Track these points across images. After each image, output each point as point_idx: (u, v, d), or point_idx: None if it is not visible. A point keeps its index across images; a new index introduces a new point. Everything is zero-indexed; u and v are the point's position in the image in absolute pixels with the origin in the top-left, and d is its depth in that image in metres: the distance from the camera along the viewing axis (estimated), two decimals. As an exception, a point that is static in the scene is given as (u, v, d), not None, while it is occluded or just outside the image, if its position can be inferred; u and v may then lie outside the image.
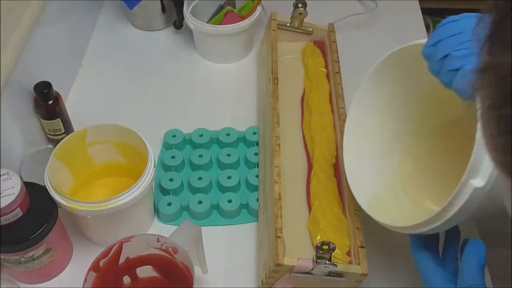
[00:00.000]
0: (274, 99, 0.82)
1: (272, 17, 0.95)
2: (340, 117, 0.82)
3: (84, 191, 0.80)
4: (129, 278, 0.70)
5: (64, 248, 0.76)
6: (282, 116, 0.81)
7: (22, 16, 0.80)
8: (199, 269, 0.71)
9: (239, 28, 0.97)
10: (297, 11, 0.93)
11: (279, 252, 0.65)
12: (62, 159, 0.75)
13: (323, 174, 0.78)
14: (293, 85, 0.90)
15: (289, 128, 0.84)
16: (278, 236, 0.67)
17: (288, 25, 0.95)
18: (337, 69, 0.88)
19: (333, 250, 0.63)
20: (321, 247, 0.63)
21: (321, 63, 0.92)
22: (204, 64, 1.04)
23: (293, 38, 0.96)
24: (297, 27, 0.95)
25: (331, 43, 0.93)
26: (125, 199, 0.70)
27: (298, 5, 0.93)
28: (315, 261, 0.63)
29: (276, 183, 0.73)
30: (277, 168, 0.74)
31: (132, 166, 0.79)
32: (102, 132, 0.77)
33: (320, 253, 0.63)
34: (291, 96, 0.89)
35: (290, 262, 0.64)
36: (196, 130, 0.90)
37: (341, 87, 0.86)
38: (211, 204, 0.80)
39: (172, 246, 0.66)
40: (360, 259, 0.66)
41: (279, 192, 0.72)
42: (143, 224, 0.79)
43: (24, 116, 0.84)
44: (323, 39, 0.96)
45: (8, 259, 0.69)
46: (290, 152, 0.80)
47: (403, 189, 0.74)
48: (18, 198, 0.65)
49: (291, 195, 0.76)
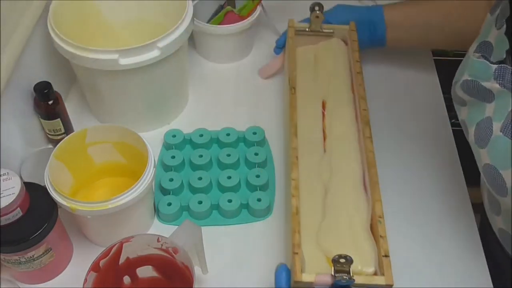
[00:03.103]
0: (291, 109, 0.81)
1: (290, 24, 0.94)
2: (363, 120, 0.79)
3: (84, 191, 0.80)
4: (129, 278, 0.70)
5: (64, 248, 0.76)
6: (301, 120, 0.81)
7: (22, 16, 0.80)
8: (199, 269, 0.71)
9: (239, 28, 0.97)
10: (314, 14, 0.92)
11: (297, 269, 0.64)
12: (62, 159, 0.75)
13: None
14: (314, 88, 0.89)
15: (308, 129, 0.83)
16: (296, 253, 0.65)
17: (307, 29, 0.94)
18: (358, 69, 0.86)
19: (351, 263, 0.62)
20: (338, 260, 0.62)
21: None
22: (204, 64, 1.04)
23: (315, 41, 0.95)
24: (317, 30, 0.94)
25: (352, 42, 0.91)
26: (125, 199, 0.70)
27: (314, 8, 0.92)
28: (334, 275, 0.62)
29: (293, 197, 0.71)
30: (294, 181, 0.72)
31: (132, 166, 0.79)
32: (102, 132, 0.77)
33: (338, 267, 0.62)
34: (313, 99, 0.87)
35: (309, 279, 0.63)
36: (196, 130, 0.90)
37: (363, 88, 0.83)
38: (211, 204, 0.80)
39: (172, 246, 0.66)
40: (384, 269, 0.64)
41: (296, 207, 0.70)
42: (143, 224, 0.79)
43: (24, 116, 0.84)
44: (344, 38, 0.94)
45: (8, 259, 0.69)
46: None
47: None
48: (18, 198, 0.65)
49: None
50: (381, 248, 0.66)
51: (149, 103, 0.89)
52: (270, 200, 0.81)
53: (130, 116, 0.90)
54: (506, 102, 0.60)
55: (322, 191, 0.75)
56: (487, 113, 0.63)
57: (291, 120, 0.79)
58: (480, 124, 0.64)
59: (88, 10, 0.91)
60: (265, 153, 0.87)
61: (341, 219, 0.72)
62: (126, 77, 0.82)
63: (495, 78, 0.61)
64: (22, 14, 0.81)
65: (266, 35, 1.07)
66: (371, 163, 0.74)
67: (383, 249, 0.66)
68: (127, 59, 0.78)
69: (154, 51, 0.79)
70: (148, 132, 0.90)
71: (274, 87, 0.99)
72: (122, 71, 0.79)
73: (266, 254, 0.77)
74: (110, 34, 0.94)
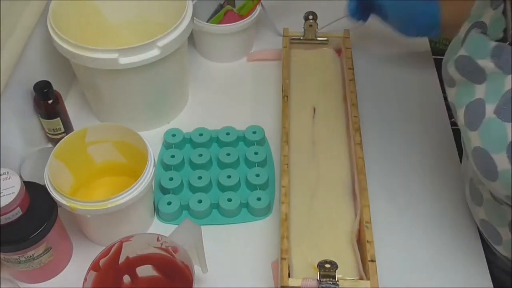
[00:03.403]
0: (283, 116, 0.82)
1: (284, 33, 0.94)
2: (353, 126, 0.81)
3: (84, 191, 0.80)
4: (129, 277, 0.70)
5: (64, 248, 0.76)
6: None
7: (22, 16, 0.81)
8: (199, 269, 0.71)
9: (238, 27, 0.97)
10: (308, 23, 0.92)
11: (284, 274, 0.65)
12: (62, 158, 0.75)
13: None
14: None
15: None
16: (284, 258, 0.67)
17: (301, 38, 0.95)
18: (351, 76, 0.88)
19: (336, 268, 0.63)
20: (323, 265, 0.63)
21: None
22: (204, 63, 1.04)
23: (311, 48, 0.96)
24: (311, 38, 0.95)
25: (346, 50, 0.92)
26: (125, 198, 0.70)
27: (308, 17, 0.92)
28: (319, 280, 0.64)
29: (283, 204, 0.73)
30: (284, 188, 0.74)
31: (132, 165, 0.79)
32: (101, 131, 0.77)
33: (323, 272, 0.63)
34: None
35: (295, 283, 0.65)
36: (196, 129, 0.90)
37: (355, 95, 0.85)
38: (211, 203, 0.80)
39: (172, 246, 0.66)
40: (370, 274, 0.65)
41: (285, 213, 0.72)
42: (143, 224, 0.79)
43: (24, 116, 0.84)
44: (339, 46, 0.96)
45: (8, 258, 0.69)
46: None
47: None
48: (18, 198, 0.65)
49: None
50: (367, 252, 0.68)
51: (149, 102, 0.89)
52: (270, 199, 0.81)
53: (130, 115, 0.90)
54: (499, 83, 0.59)
55: (310, 197, 0.77)
56: (477, 95, 0.62)
57: (283, 127, 0.81)
58: (470, 106, 0.63)
59: (88, 10, 0.91)
60: (265, 152, 0.87)
61: (324, 226, 0.74)
62: (126, 76, 0.82)
63: (492, 56, 0.60)
64: (22, 13, 0.81)
65: (266, 34, 1.07)
66: (360, 170, 0.76)
67: (369, 254, 0.67)
68: (127, 58, 0.78)
69: (154, 50, 0.79)
70: (148, 131, 0.90)
71: (274, 87, 0.99)
72: (122, 70, 0.79)
73: (266, 253, 0.77)
74: (110, 33, 0.94)
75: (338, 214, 0.75)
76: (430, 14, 0.86)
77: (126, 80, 0.83)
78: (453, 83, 0.68)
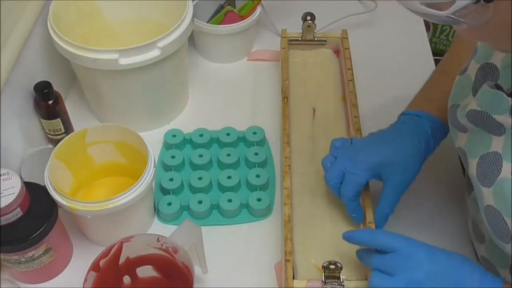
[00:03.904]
0: (284, 118, 0.83)
1: (283, 34, 0.94)
2: (354, 126, 0.81)
3: (84, 191, 0.80)
4: (129, 278, 0.70)
5: (64, 248, 0.76)
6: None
7: (22, 16, 0.80)
8: (199, 269, 0.71)
9: (239, 28, 0.97)
10: (306, 24, 0.92)
11: (288, 276, 0.65)
12: (62, 159, 0.75)
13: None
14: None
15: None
16: (288, 260, 0.67)
17: (300, 39, 0.95)
18: (350, 76, 0.88)
19: (340, 269, 0.63)
20: (328, 266, 0.63)
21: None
22: (204, 63, 1.04)
23: (309, 48, 0.96)
24: (310, 39, 0.95)
25: (344, 50, 0.92)
26: (125, 199, 0.70)
27: (306, 18, 0.92)
28: (324, 281, 0.64)
29: (285, 205, 0.73)
30: (286, 189, 0.74)
31: (132, 165, 0.79)
32: (102, 132, 0.77)
33: (328, 273, 0.63)
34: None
35: (300, 285, 0.65)
36: (196, 130, 0.90)
37: (355, 96, 0.85)
38: (211, 204, 0.80)
39: (172, 246, 0.66)
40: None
41: (288, 214, 0.72)
42: (143, 224, 0.79)
43: (24, 116, 0.84)
44: (337, 46, 0.96)
45: (8, 259, 0.69)
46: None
47: None
48: (18, 198, 0.65)
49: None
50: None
51: (149, 103, 0.89)
52: (270, 199, 0.81)
53: (130, 115, 0.90)
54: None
55: (311, 198, 0.77)
56: (493, 147, 0.57)
57: (284, 129, 0.81)
58: (484, 158, 0.58)
59: (88, 10, 0.91)
60: (265, 152, 0.87)
61: (327, 227, 0.74)
62: (126, 77, 0.82)
63: (511, 113, 0.54)
64: (22, 14, 0.81)
65: (266, 35, 1.07)
66: None
67: None
68: (127, 59, 0.78)
69: (154, 50, 0.79)
70: (148, 132, 0.90)
71: (274, 87, 0.99)
72: (122, 70, 0.79)
73: (266, 253, 0.77)
74: (110, 34, 0.94)
75: (340, 215, 0.75)
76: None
77: (127, 80, 0.83)
78: (464, 130, 0.63)
